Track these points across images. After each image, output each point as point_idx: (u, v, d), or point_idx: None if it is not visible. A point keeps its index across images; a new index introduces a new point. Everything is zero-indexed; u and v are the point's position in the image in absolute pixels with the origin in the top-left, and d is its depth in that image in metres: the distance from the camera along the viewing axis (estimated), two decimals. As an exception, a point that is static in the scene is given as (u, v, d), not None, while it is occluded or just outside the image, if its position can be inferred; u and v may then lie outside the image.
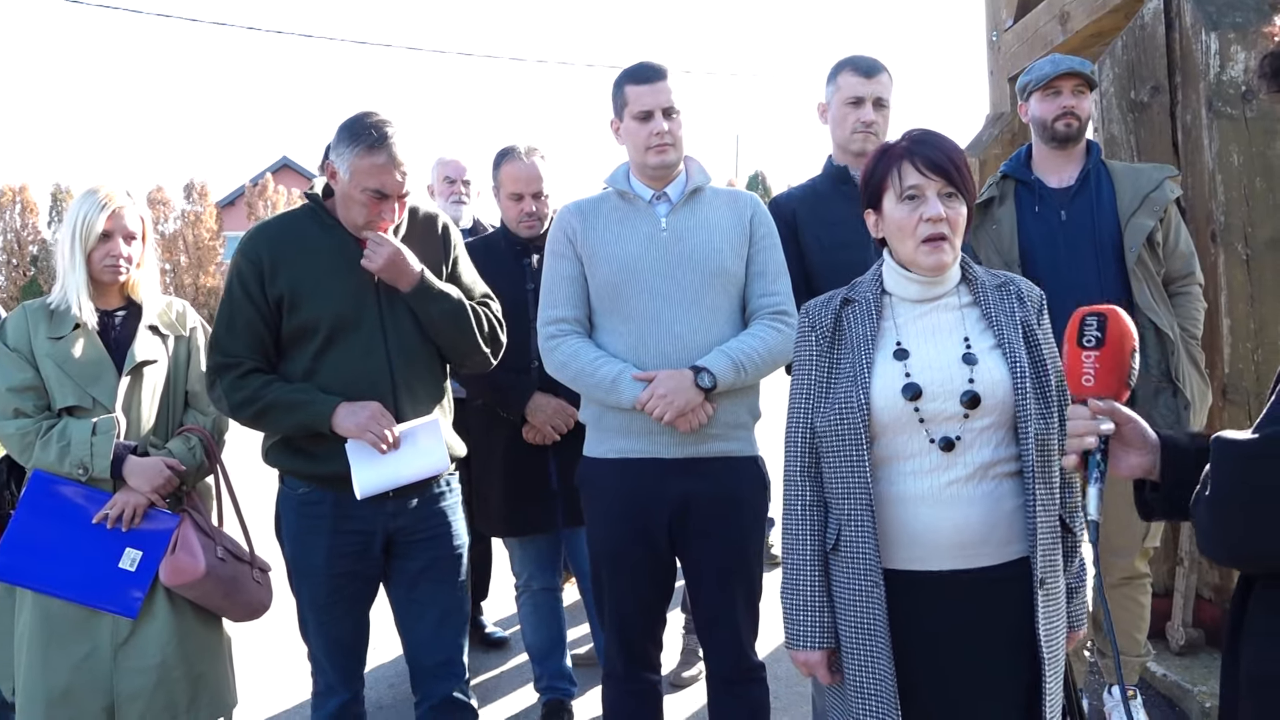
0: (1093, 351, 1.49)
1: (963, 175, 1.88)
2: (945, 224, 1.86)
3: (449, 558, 2.58)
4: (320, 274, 2.44)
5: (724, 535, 2.49)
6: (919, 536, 1.86)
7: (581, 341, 2.52)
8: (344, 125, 2.43)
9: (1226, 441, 1.25)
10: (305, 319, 2.43)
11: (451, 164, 4.13)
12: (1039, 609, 1.84)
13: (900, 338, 1.92)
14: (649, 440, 2.47)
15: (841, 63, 2.98)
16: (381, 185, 2.39)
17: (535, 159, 3.27)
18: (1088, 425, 1.51)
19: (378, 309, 2.47)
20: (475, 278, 2.72)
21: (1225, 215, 3.44)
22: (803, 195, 2.98)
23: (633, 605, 2.55)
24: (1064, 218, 3.12)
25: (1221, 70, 3.44)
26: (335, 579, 2.48)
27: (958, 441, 1.84)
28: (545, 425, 3.11)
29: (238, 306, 2.45)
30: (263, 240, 2.48)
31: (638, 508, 2.48)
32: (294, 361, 2.47)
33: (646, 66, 2.56)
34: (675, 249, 2.52)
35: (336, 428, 2.39)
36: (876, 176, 1.93)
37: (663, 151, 2.52)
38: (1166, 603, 3.63)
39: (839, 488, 1.90)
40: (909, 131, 1.94)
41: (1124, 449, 1.51)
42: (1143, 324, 3.03)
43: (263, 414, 2.42)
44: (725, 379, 2.42)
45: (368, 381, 2.44)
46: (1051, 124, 3.11)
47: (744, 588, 2.54)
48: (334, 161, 2.44)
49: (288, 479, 2.54)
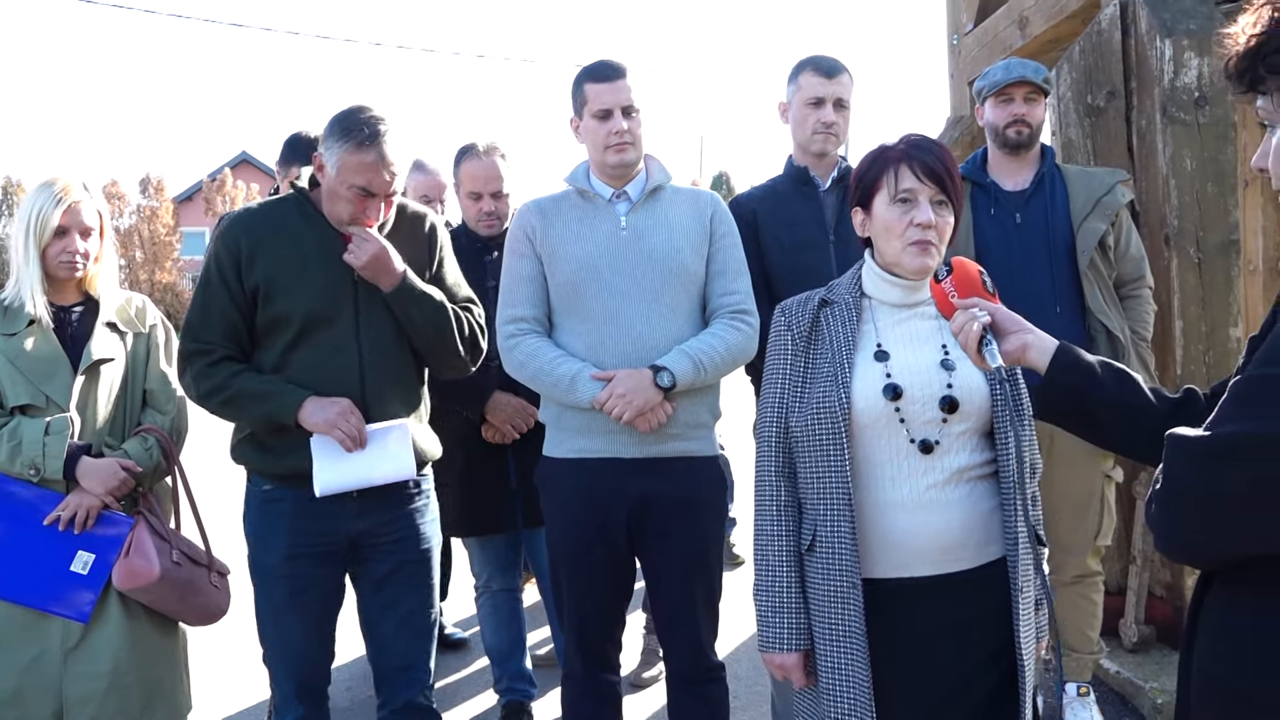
0: (947, 279, 1.76)
1: (955, 186, 1.92)
2: (933, 230, 1.90)
3: (417, 561, 2.57)
4: (298, 266, 2.43)
5: (683, 535, 2.51)
6: (899, 543, 1.88)
7: (540, 340, 2.53)
8: (335, 119, 2.41)
9: (1179, 438, 1.27)
10: (279, 311, 2.42)
11: (433, 183, 4.05)
12: (1018, 613, 1.87)
13: (880, 340, 1.95)
14: (608, 440, 2.49)
15: (803, 63, 3.01)
16: (369, 184, 2.38)
17: (495, 158, 3.26)
18: (967, 315, 1.68)
19: (354, 306, 2.46)
20: (460, 280, 2.71)
21: (1178, 219, 3.52)
22: (763, 195, 3.01)
23: (592, 605, 2.56)
24: (1019, 220, 3.18)
25: (1175, 76, 3.52)
26: (293, 580, 2.47)
27: (936, 445, 1.87)
28: (505, 424, 3.12)
29: (213, 293, 2.44)
30: (242, 227, 2.46)
31: (597, 507, 2.50)
32: (266, 353, 2.46)
33: (606, 65, 2.58)
34: (635, 248, 2.53)
35: (304, 422, 2.37)
36: (870, 176, 1.96)
37: (622, 150, 2.54)
38: (1119, 600, 3.70)
39: (816, 489, 1.92)
40: (907, 136, 1.97)
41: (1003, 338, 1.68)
42: (1094, 327, 3.10)
43: (229, 403, 2.41)
44: (685, 378, 2.45)
45: (336, 380, 2.43)
46: (1003, 130, 3.18)
47: (704, 587, 2.56)
48: (322, 154, 2.42)
49: (253, 476, 2.53)
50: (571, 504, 2.53)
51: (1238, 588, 1.30)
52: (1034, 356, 1.63)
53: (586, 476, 2.50)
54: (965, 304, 1.70)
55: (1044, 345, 1.63)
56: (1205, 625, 1.35)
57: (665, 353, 2.47)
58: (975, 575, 1.89)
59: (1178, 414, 1.46)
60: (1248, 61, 1.29)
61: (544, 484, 2.61)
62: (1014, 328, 1.67)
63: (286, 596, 2.48)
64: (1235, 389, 1.26)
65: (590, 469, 2.50)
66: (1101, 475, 3.19)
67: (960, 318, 1.68)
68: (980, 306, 1.69)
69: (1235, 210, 3.52)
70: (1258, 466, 1.19)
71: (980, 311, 1.67)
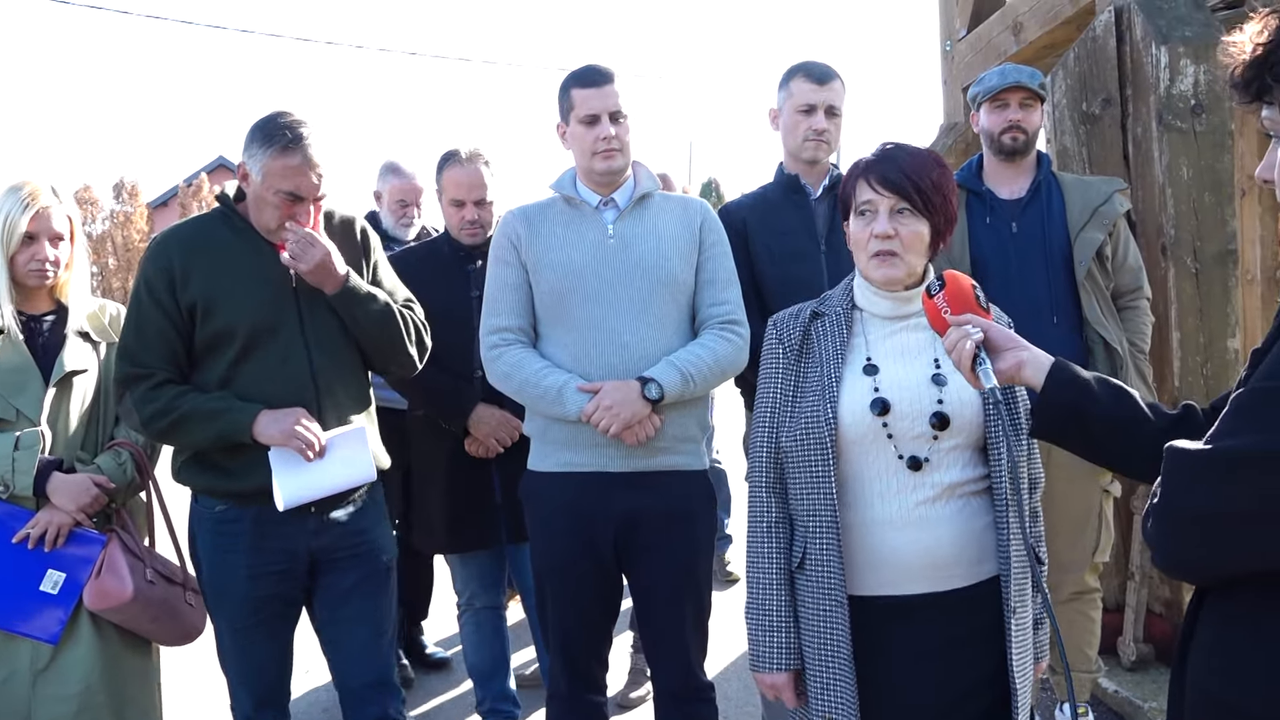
0: (940, 294, 1.75)
1: (922, 192, 1.90)
2: (896, 240, 1.91)
3: (378, 572, 2.58)
4: (234, 279, 2.43)
5: (672, 551, 2.52)
6: (888, 560, 1.89)
7: (525, 351, 2.54)
8: (256, 125, 2.42)
9: (1178, 451, 1.28)
10: (220, 326, 2.42)
11: (410, 187, 4.09)
12: (1011, 633, 1.88)
13: (870, 353, 1.97)
14: (595, 453, 2.49)
15: (794, 68, 3.03)
16: (295, 187, 2.39)
17: (478, 165, 3.26)
18: (960, 333, 1.67)
19: (297, 313, 2.47)
20: (396, 283, 2.73)
21: (1175, 229, 3.55)
22: (753, 204, 3.03)
23: (577, 623, 2.57)
24: (1015, 229, 3.20)
25: (1171, 84, 3.56)
26: (256, 601, 2.47)
27: (926, 463, 1.89)
28: (488, 438, 3.12)
29: (147, 315, 2.43)
30: (172, 245, 2.46)
31: (583, 522, 2.50)
32: (209, 371, 2.45)
33: (593, 70, 2.59)
34: (622, 256, 2.55)
35: (259, 436, 2.37)
36: (845, 191, 2.00)
37: (609, 157, 2.56)
38: (1117, 618, 3.72)
39: (804, 505, 1.94)
40: (881, 145, 1.99)
41: (997, 354, 1.68)
42: (1091, 338, 3.12)
43: (178, 425, 2.40)
44: (673, 390, 2.46)
45: (289, 389, 2.43)
46: (998, 136, 3.20)
47: (693, 605, 2.57)
48: (245, 162, 2.43)
49: (201, 497, 2.51)
50: (557, 519, 2.53)
51: (1233, 602, 1.31)
52: (1029, 374, 1.64)
53: (572, 491, 2.51)
54: (958, 320, 1.71)
55: (1039, 363, 1.64)
56: (1200, 640, 1.37)
57: (653, 364, 2.49)
58: (968, 594, 1.90)
59: (1176, 430, 1.47)
60: (1254, 71, 1.31)
61: (529, 498, 2.62)
62: (1008, 345, 1.68)
63: (250, 619, 2.48)
64: (1237, 402, 1.26)
65: (576, 483, 2.51)
66: (1099, 490, 3.20)
67: (953, 335, 1.69)
68: (973, 323, 1.70)
69: (1233, 219, 3.56)
70: (1259, 481, 1.20)
71: (973, 328, 1.68)
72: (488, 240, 3.16)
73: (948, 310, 1.74)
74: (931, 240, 1.95)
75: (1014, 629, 1.89)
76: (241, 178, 2.48)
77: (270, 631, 2.50)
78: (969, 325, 1.69)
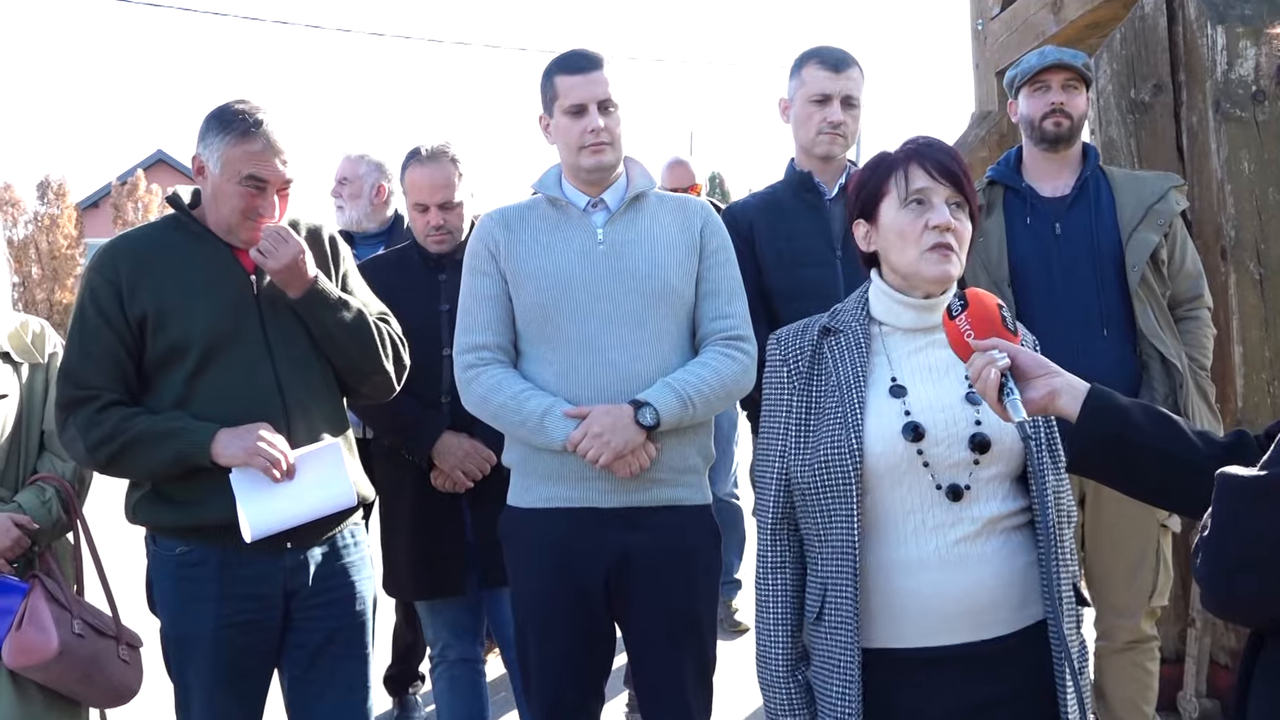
0: (961, 314, 1.76)
1: (971, 187, 1.96)
2: (952, 234, 1.93)
3: (354, 625, 2.57)
4: (188, 287, 2.45)
5: (670, 597, 2.52)
6: (919, 607, 1.88)
7: (505, 372, 2.54)
8: (211, 115, 2.46)
9: (1230, 478, 1.29)
10: (174, 339, 2.42)
11: (344, 162, 4.23)
12: (1066, 686, 1.87)
13: (895, 372, 1.97)
14: (583, 487, 2.49)
15: (807, 54, 3.05)
16: (259, 171, 2.42)
17: (443, 162, 3.23)
18: (985, 359, 1.68)
19: (259, 321, 2.48)
20: (369, 295, 2.75)
21: (1236, 230, 3.57)
22: (761, 204, 3.04)
23: (565, 680, 2.56)
24: (1059, 231, 3.21)
25: (1229, 68, 3.58)
26: (226, 654, 2.45)
27: (967, 491, 1.89)
28: (455, 470, 3.11)
29: (93, 331, 2.43)
30: (120, 254, 2.48)
31: (570, 565, 2.50)
32: (162, 391, 2.45)
33: (579, 54, 2.61)
34: (614, 264, 2.55)
35: (219, 456, 2.37)
36: (874, 182, 1.99)
37: (598, 151, 2.57)
38: (1177, 670, 3.71)
39: (822, 548, 1.94)
40: (913, 138, 2.02)
41: (1027, 382, 1.69)
42: (1147, 353, 3.12)
43: (126, 450, 2.39)
44: (670, 415, 2.46)
45: (254, 405, 2.44)
46: (1039, 123, 3.21)
47: (694, 656, 2.57)
48: (202, 155, 2.46)
49: (161, 539, 2.50)
50: (540, 561, 2.53)
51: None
52: (1064, 404, 1.65)
53: (558, 529, 2.51)
54: (983, 345, 1.71)
55: (1074, 390, 1.65)
56: (1258, 692, 1.37)
57: (648, 386, 2.49)
58: (1009, 643, 1.90)
59: (1228, 459, 1.48)
60: None
61: (508, 538, 2.62)
62: (1039, 371, 1.69)
63: (221, 675, 2.46)
64: None
65: (562, 520, 2.51)
66: (1157, 526, 3.20)
67: (977, 361, 1.70)
68: (1000, 348, 1.70)
69: (1302, 219, 3.58)
70: None
71: (999, 354, 1.69)
72: (458, 248, 3.16)
73: (971, 334, 1.74)
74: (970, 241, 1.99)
75: (1067, 680, 1.88)
76: (197, 172, 2.49)
77: (242, 689, 2.49)
78: (994, 350, 1.69)
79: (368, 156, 4.26)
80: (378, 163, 4.24)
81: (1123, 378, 3.01)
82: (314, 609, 2.52)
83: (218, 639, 2.44)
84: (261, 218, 2.46)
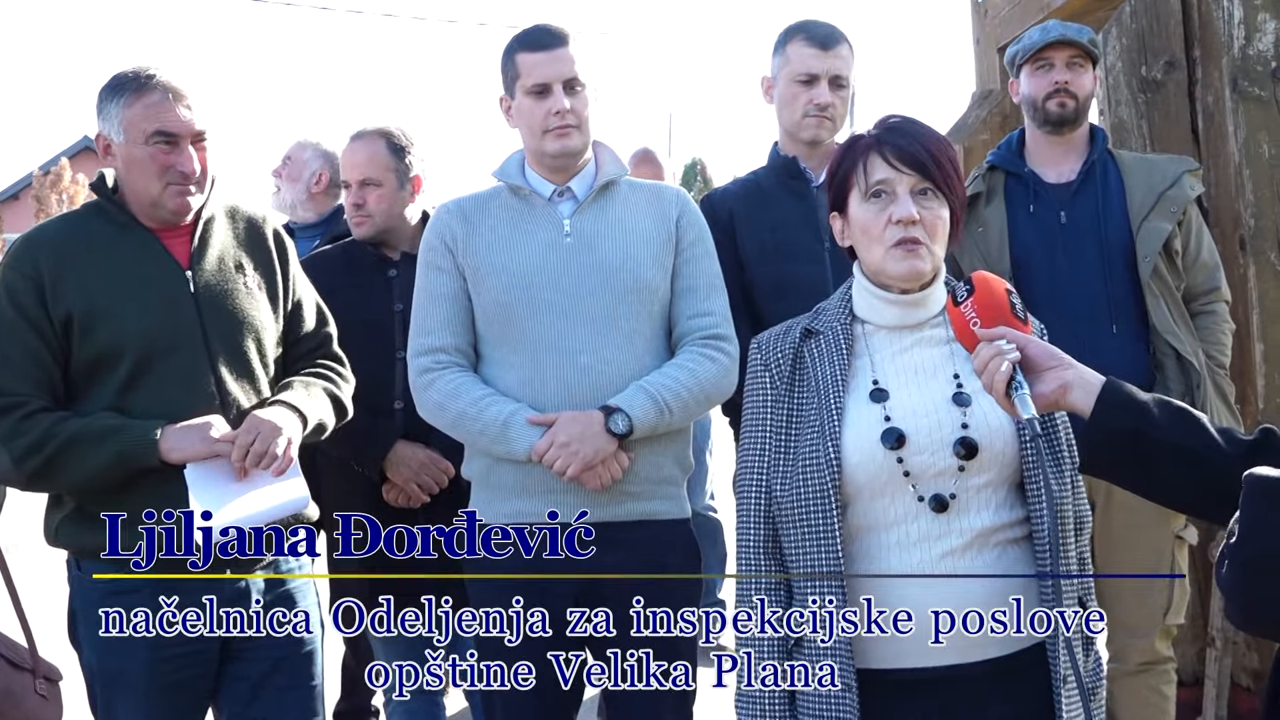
0: (967, 301, 1.78)
1: (944, 170, 1.95)
2: (919, 226, 1.93)
3: (300, 654, 2.57)
4: (118, 285, 2.43)
5: (646, 620, 2.51)
6: (913, 625, 1.89)
7: (463, 376, 2.54)
8: (103, 88, 2.46)
9: (1261, 479, 1.31)
10: (104, 344, 2.40)
11: (294, 144, 4.33)
12: (1061, 707, 1.88)
13: (877, 375, 1.98)
14: (549, 500, 2.50)
15: (792, 29, 3.06)
16: (164, 124, 2.41)
17: (370, 139, 3.23)
18: (992, 350, 1.69)
19: (199, 324, 2.47)
20: (314, 308, 2.76)
21: (1255, 218, 3.60)
22: (742, 192, 3.05)
23: (532, 713, 2.55)
24: (1064, 220, 3.23)
25: (1247, 43, 3.61)
26: (161, 692, 2.44)
27: (953, 501, 1.90)
28: (409, 483, 3.10)
29: (13, 333, 2.40)
30: (40, 248, 2.46)
31: (537, 585, 2.49)
32: (92, 401, 2.43)
33: (542, 30, 2.61)
34: (582, 258, 2.55)
35: (169, 453, 2.36)
36: (842, 172, 2.01)
37: (564, 135, 2.56)
38: (1196, 693, 3.73)
39: (803, 565, 1.94)
40: (884, 119, 2.02)
41: (1037, 375, 1.70)
42: (1161, 350, 3.14)
43: (61, 455, 2.36)
44: (645, 422, 2.46)
45: (195, 415, 2.42)
46: (1043, 104, 3.23)
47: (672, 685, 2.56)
48: (103, 130, 2.45)
49: (86, 563, 2.48)
50: (504, 582, 2.52)
51: None
52: (1076, 398, 1.66)
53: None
54: (989, 334, 1.73)
55: (1087, 384, 1.66)
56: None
57: (620, 390, 2.49)
58: (1009, 664, 1.91)
59: (1254, 458, 1.49)
60: None
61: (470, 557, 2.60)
62: (1050, 363, 1.70)
63: (152, 712, 2.44)
64: None
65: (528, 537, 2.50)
66: (1172, 537, 3.22)
67: (984, 353, 1.71)
68: (1009, 338, 1.71)
69: (1325, 206, 3.61)
70: None
71: (1008, 344, 1.70)
72: (381, 232, 3.17)
73: (976, 322, 1.75)
74: (952, 227, 1.98)
75: (1065, 705, 1.89)
76: (104, 152, 2.48)
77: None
78: (1002, 340, 1.70)
79: (319, 145, 4.31)
80: (326, 152, 4.27)
81: (1134, 376, 3.01)
82: (254, 640, 2.50)
83: (151, 676, 2.42)
84: (185, 180, 2.44)
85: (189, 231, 2.51)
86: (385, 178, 3.21)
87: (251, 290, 2.57)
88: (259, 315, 2.58)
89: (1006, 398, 1.67)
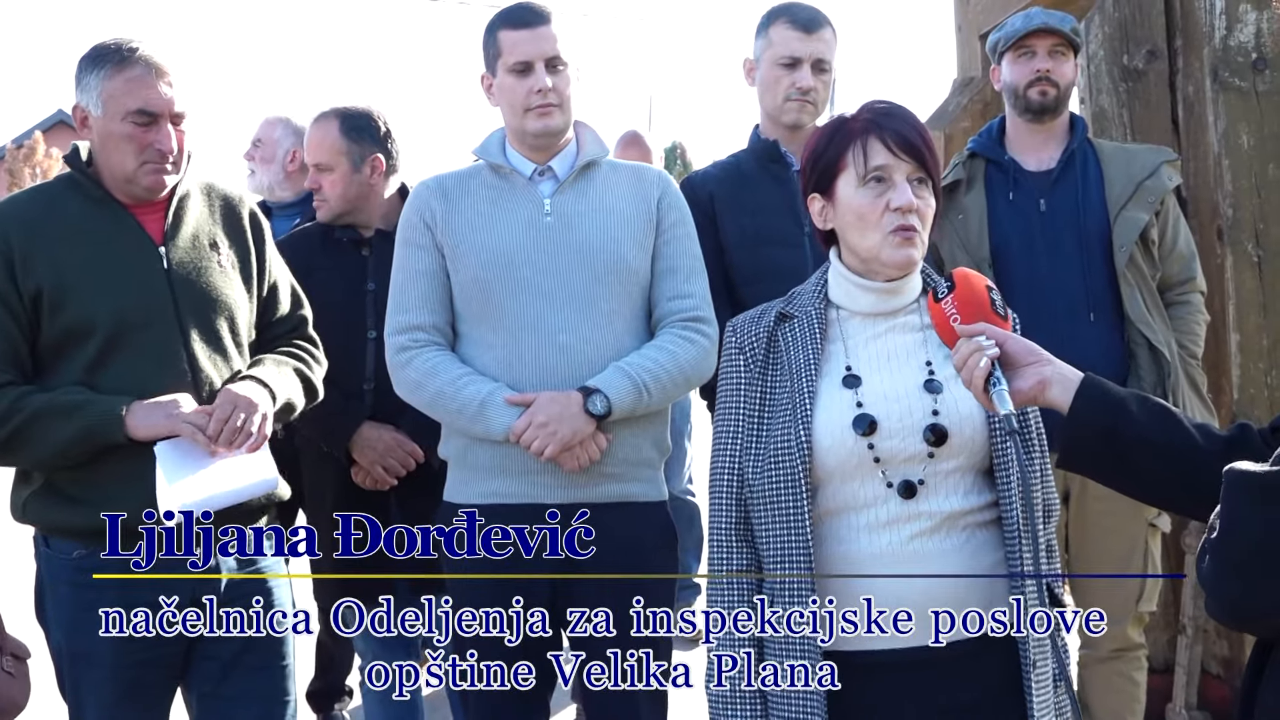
0: (947, 297, 1.81)
1: (934, 159, 1.97)
2: (915, 215, 1.94)
3: (270, 636, 2.56)
4: (89, 259, 2.41)
5: (623, 602, 2.52)
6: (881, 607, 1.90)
7: (441, 355, 2.54)
8: (84, 57, 2.44)
9: (1240, 474, 1.32)
10: (74, 320, 2.39)
11: (261, 124, 4.28)
12: (1032, 695, 1.90)
13: (850, 361, 1.99)
14: (526, 482, 2.50)
15: (775, 11, 3.05)
16: (145, 102, 2.40)
17: (324, 121, 3.22)
18: (972, 345, 1.72)
19: (171, 299, 2.46)
20: (289, 291, 2.75)
21: (1233, 209, 3.62)
22: (723, 175, 3.04)
23: (506, 694, 2.55)
24: (1044, 208, 3.24)
25: (1229, 33, 3.62)
26: (128, 671, 2.43)
27: (921, 486, 1.91)
28: (374, 465, 3.09)
29: None
30: (9, 220, 2.44)
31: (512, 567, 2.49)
32: (59, 377, 2.41)
33: (525, 7, 2.60)
34: (562, 238, 2.55)
35: (135, 430, 2.34)
36: (830, 153, 2.00)
37: (545, 114, 2.56)
38: (1166, 680, 3.77)
39: (774, 550, 1.95)
40: (871, 103, 2.01)
41: (1016, 373, 1.73)
42: (1134, 339, 3.16)
43: (25, 430, 2.34)
44: (623, 403, 2.46)
45: (167, 394, 2.41)
46: (1024, 92, 3.23)
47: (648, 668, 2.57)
48: (81, 102, 2.43)
49: (55, 540, 2.47)
50: (480, 563, 2.52)
51: None
52: (1055, 395, 1.68)
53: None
54: (969, 330, 1.74)
55: (1065, 380, 1.68)
56: (1264, 704, 1.39)
57: (599, 371, 2.49)
58: (975, 648, 1.93)
59: (1231, 454, 1.50)
60: None
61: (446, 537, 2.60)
62: (1029, 359, 1.72)
63: (118, 691, 2.44)
64: None
65: (504, 518, 2.50)
66: (1145, 525, 3.24)
67: (963, 349, 1.73)
68: (989, 334, 1.73)
69: (1303, 198, 3.63)
70: None
71: (987, 341, 1.71)
72: (338, 214, 3.17)
73: (957, 318, 1.77)
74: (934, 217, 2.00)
75: (1035, 688, 1.91)
76: (81, 124, 2.46)
77: (146, 708, 2.48)
78: (982, 337, 1.72)
79: (289, 120, 4.26)
80: (296, 127, 4.22)
81: (1110, 366, 3.05)
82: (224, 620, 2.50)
83: (119, 655, 2.41)
84: (162, 158, 2.42)
85: (163, 207, 2.50)
86: (337, 161, 3.17)
87: (225, 269, 2.57)
88: (232, 293, 2.57)
89: (985, 394, 1.69)
